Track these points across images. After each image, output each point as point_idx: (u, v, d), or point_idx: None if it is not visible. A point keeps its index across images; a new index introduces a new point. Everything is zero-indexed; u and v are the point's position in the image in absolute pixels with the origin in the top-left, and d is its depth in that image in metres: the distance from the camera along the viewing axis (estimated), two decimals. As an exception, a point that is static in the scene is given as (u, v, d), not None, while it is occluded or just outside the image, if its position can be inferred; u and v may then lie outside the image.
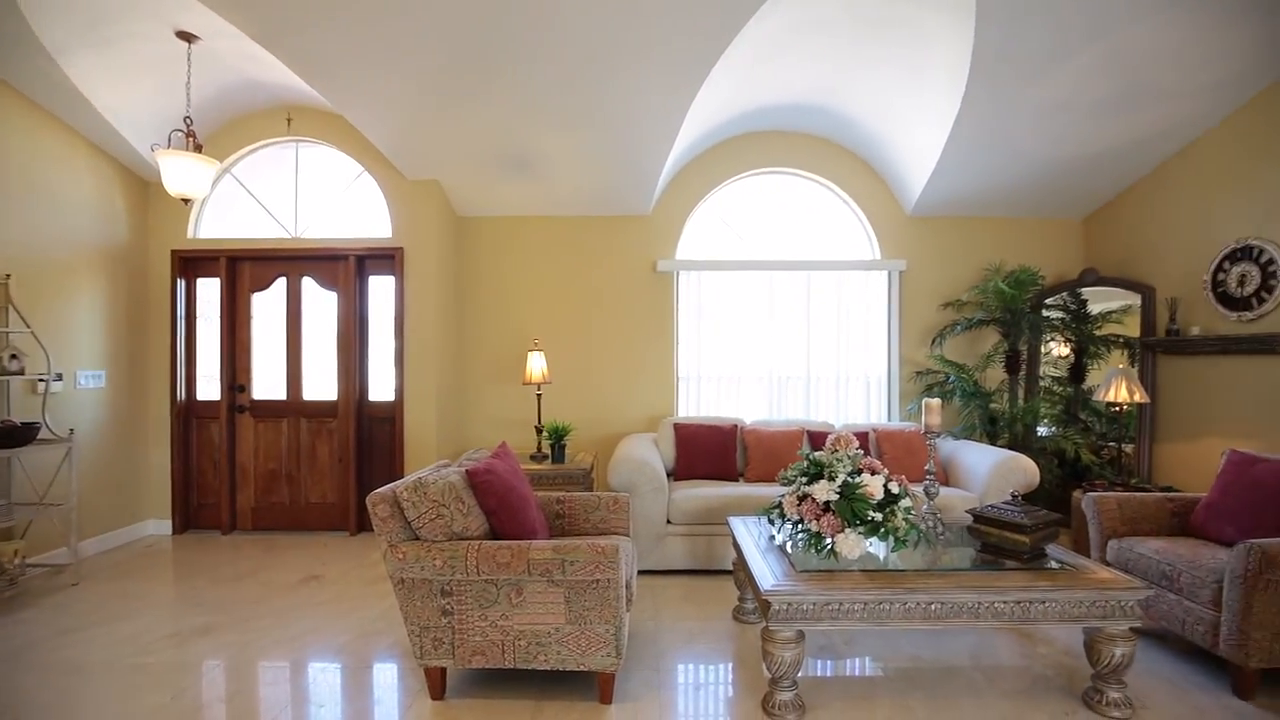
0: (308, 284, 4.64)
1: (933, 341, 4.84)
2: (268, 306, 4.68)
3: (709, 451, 4.11)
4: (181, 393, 4.57)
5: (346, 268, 4.56)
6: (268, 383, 4.67)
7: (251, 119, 4.54)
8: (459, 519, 2.28)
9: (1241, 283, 3.73)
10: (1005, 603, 2.22)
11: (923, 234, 4.95)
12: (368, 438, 4.67)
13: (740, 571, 2.98)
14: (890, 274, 4.93)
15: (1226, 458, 2.95)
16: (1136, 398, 3.87)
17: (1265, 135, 3.65)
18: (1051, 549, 2.57)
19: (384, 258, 4.56)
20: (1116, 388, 3.88)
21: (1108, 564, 2.91)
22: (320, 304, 4.65)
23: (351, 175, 4.61)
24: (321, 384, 4.65)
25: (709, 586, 3.53)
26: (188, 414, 4.62)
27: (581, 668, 2.27)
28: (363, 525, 4.57)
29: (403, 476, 4.21)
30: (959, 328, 4.74)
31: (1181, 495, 3.08)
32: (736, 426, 4.30)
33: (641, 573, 3.69)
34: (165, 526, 4.56)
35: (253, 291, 4.65)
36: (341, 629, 3.00)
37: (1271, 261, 3.56)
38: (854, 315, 4.95)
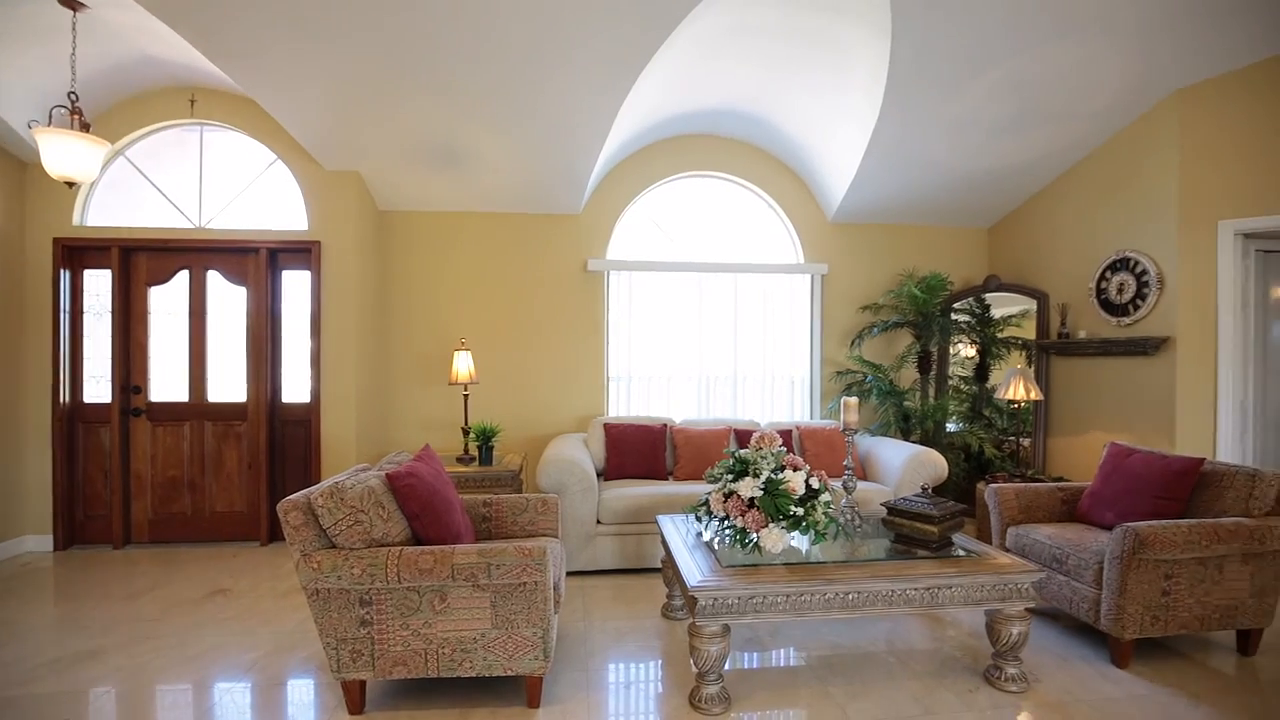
0: (213, 278, 4.34)
1: (852, 343, 5.06)
2: (168, 301, 4.34)
3: (639, 451, 4.14)
4: (65, 395, 4.17)
5: (257, 261, 4.30)
6: (168, 384, 4.34)
7: (149, 98, 4.20)
8: (379, 525, 2.20)
9: (1120, 290, 4.11)
10: (916, 589, 2.35)
11: (843, 239, 5.16)
12: (280, 442, 4.41)
13: (669, 569, 3.02)
14: (813, 277, 5.12)
15: (1107, 450, 3.24)
16: (1032, 395, 4.19)
17: (1138, 159, 4.04)
18: (958, 538, 2.74)
19: (299, 251, 4.32)
20: (1015, 386, 4.19)
21: (1007, 550, 3.13)
22: (228, 299, 4.36)
23: (263, 163, 4.35)
24: (229, 385, 4.36)
25: (639, 585, 3.55)
26: (73, 418, 4.22)
27: (509, 673, 2.24)
28: (275, 535, 4.32)
29: (319, 482, 4.01)
30: (876, 330, 4.98)
31: (1070, 485, 3.35)
32: (666, 426, 4.35)
33: (571, 573, 3.67)
34: (45, 542, 4.14)
35: (150, 285, 4.31)
36: (251, 645, 2.82)
37: (1145, 272, 3.94)
38: (779, 317, 5.12)
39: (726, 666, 2.60)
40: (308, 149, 4.09)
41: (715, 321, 5.03)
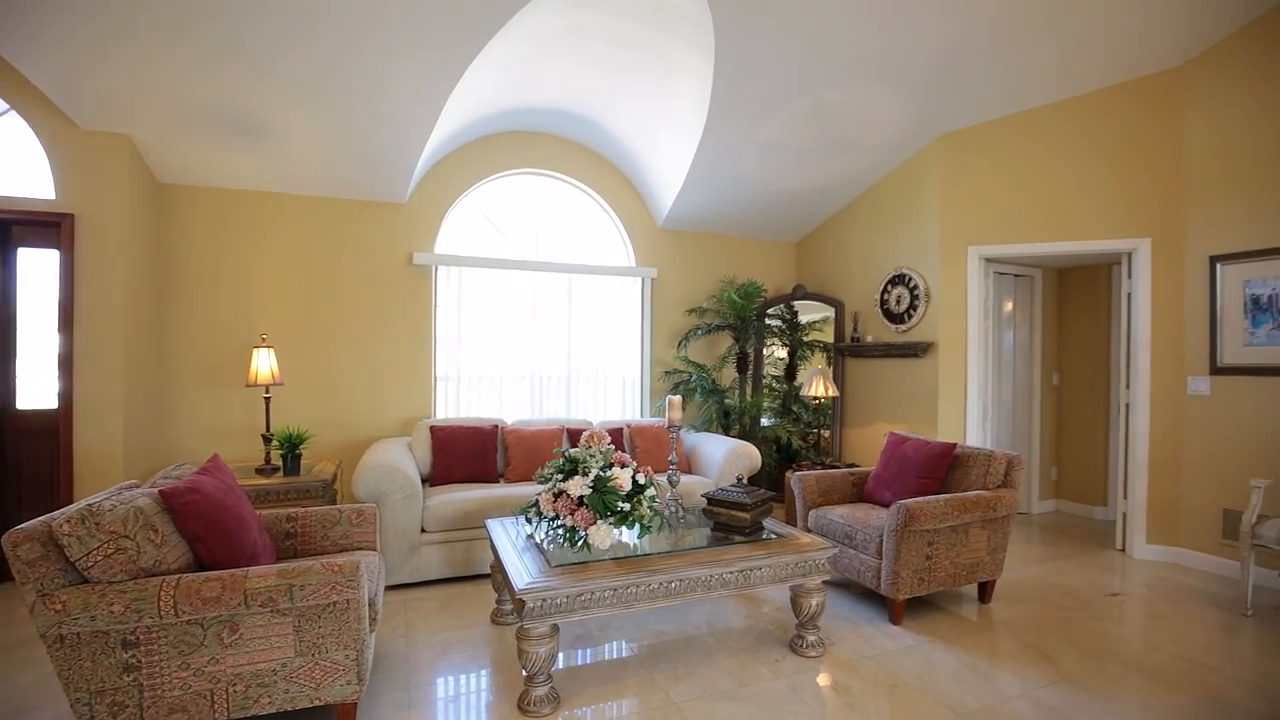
0: (-90, 254, 3.42)
1: (679, 343, 5.34)
2: None
3: (468, 453, 3.99)
4: None
5: (-21, 236, 3.46)
6: None
7: None
8: (149, 552, 1.88)
9: (898, 302, 4.79)
10: (731, 572, 2.54)
11: (672, 245, 5.42)
12: (14, 458, 3.59)
13: (498, 574, 2.95)
14: (644, 280, 5.31)
15: (887, 438, 3.75)
16: (831, 392, 4.73)
17: (912, 189, 4.74)
18: (768, 522, 3.00)
19: (44, 225, 3.55)
20: (816, 384, 4.70)
21: (809, 530, 3.50)
22: (-68, 282, 3.46)
23: (-12, 115, 3.51)
24: (-66, 389, 3.45)
25: (468, 593, 3.42)
26: None
27: (317, 703, 2.03)
28: (5, 574, 3.51)
29: (70, 505, 3.32)
30: (700, 332, 5.30)
31: (859, 470, 3.83)
32: (498, 427, 4.24)
33: (393, 587, 3.44)
34: None
35: None
36: (-37, 713, 2.26)
37: (916, 286, 4.63)
38: (612, 317, 5.23)
39: (559, 665, 2.61)
40: (56, 102, 3.37)
41: (549, 321, 5.01)
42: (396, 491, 3.36)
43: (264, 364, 3.77)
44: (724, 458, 4.21)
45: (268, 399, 3.84)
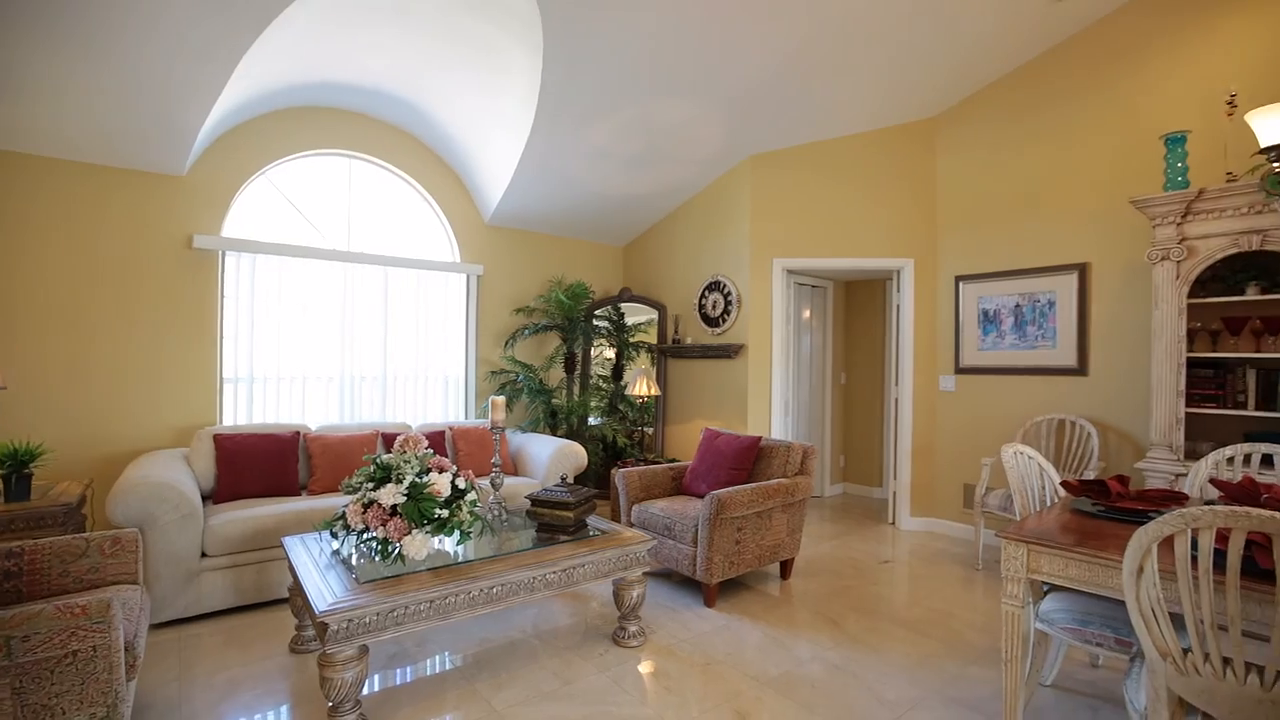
0: None
1: (506, 343, 5.24)
2: None
3: (262, 464, 3.54)
4: None
5: None
6: None
7: None
8: None
9: (714, 307, 5.14)
10: (554, 572, 2.54)
11: (499, 243, 5.30)
12: None
13: (298, 597, 2.66)
14: (469, 277, 5.13)
15: (703, 434, 4.01)
16: (653, 391, 4.94)
17: (726, 203, 5.12)
18: (592, 519, 3.05)
19: None
20: (640, 383, 4.89)
21: (632, 525, 3.62)
22: None
23: None
24: None
25: (262, 622, 3.04)
26: None
27: (48, 775, 1.67)
28: None
29: None
30: (528, 331, 5.24)
31: (678, 464, 4.04)
32: (299, 434, 3.81)
33: (165, 624, 2.95)
34: None
35: None
36: None
37: (730, 293, 5.00)
38: (434, 314, 4.98)
39: (372, 688, 2.43)
40: None
41: (363, 317, 4.63)
42: (168, 512, 2.88)
43: (-24, 364, 3.02)
44: (550, 458, 4.21)
45: (-18, 407, 3.09)
